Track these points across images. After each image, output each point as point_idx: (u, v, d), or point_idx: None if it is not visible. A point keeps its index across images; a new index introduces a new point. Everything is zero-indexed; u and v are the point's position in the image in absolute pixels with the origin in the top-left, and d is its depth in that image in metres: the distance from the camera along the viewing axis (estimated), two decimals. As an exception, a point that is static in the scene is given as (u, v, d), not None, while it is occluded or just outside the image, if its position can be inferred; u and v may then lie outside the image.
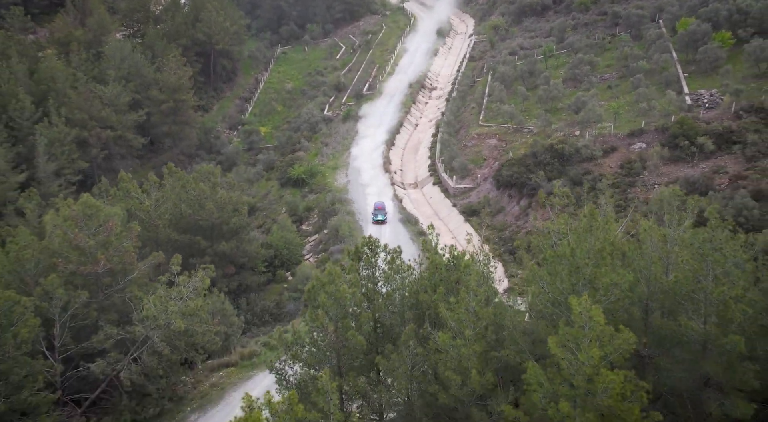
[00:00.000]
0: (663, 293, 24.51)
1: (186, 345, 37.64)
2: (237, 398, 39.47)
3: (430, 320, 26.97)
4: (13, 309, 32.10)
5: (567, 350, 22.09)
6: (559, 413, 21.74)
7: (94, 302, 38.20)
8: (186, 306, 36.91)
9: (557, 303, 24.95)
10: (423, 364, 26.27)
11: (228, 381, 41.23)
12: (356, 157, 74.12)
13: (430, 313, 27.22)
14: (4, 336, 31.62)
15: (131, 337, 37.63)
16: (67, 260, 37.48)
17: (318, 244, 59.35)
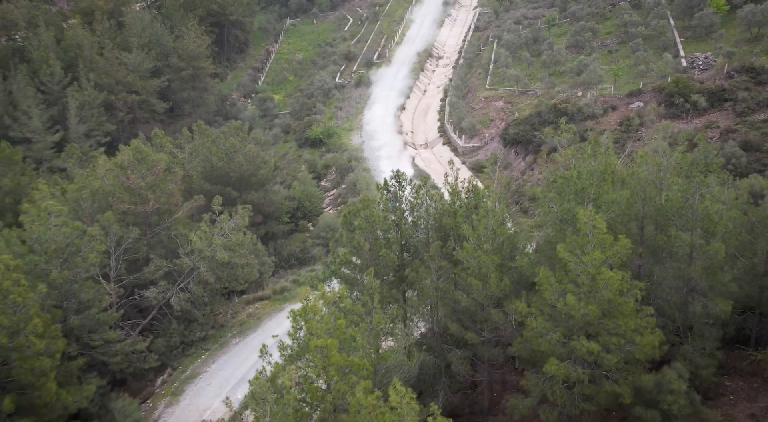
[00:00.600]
0: (656, 210, 28.08)
1: (228, 276, 41.38)
2: (272, 326, 43.58)
3: (452, 239, 30.55)
4: (82, 237, 35.74)
5: (573, 254, 25.73)
6: (567, 306, 25.44)
7: (144, 238, 41.88)
8: (228, 240, 40.59)
9: (564, 221, 28.52)
10: (447, 275, 29.97)
11: (263, 311, 45.09)
12: (369, 120, 77.32)
13: (453, 234, 30.79)
14: (75, 260, 35.30)
15: (178, 269, 41.40)
16: (120, 199, 41.04)
17: (337, 198, 62.92)
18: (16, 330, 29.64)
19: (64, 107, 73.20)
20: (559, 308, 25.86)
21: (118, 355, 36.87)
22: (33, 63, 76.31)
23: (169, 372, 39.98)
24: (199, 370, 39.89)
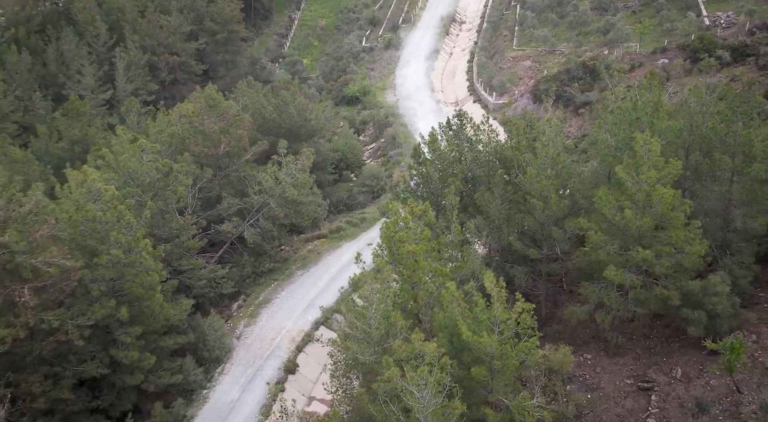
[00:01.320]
0: (701, 138, 30.93)
1: (294, 213, 44.56)
2: (331, 260, 46.96)
3: (515, 168, 33.52)
4: (170, 173, 38.86)
5: (630, 175, 28.71)
6: (624, 219, 28.51)
7: (215, 178, 44.98)
8: (296, 179, 43.66)
9: (619, 149, 31.42)
10: (510, 199, 33.04)
11: (322, 248, 48.38)
12: (401, 79, 79.71)
13: (515, 164, 33.73)
14: (165, 193, 38.48)
15: (248, 207, 44.59)
16: (195, 142, 44.01)
17: (376, 151, 65.77)
18: (130, 247, 32.96)
19: (110, 67, 75.75)
20: (617, 222, 28.96)
21: (202, 280, 40.29)
22: (78, 25, 78.58)
23: (243, 299, 43.43)
24: (270, 297, 43.35)
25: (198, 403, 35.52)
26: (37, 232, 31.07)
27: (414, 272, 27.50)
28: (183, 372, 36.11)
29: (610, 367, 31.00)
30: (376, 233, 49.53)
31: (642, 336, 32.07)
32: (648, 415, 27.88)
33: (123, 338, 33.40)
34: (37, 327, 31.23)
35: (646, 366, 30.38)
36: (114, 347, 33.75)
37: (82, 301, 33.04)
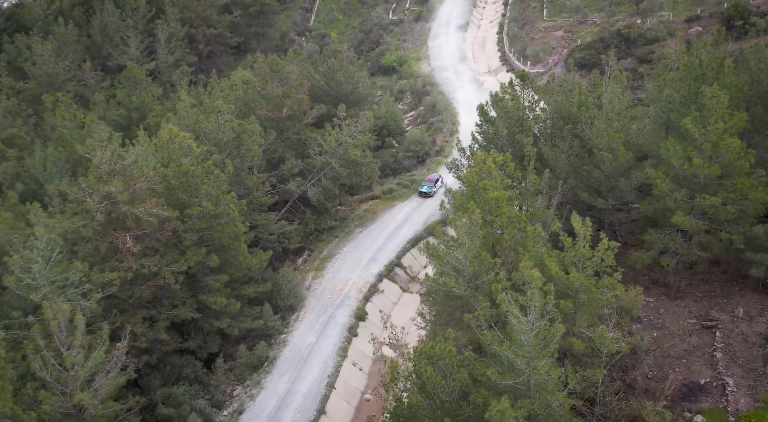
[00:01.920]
0: (762, 93, 32.36)
1: (354, 173, 46.25)
2: (386, 218, 48.77)
3: (581, 123, 35.03)
4: (243, 133, 40.50)
5: (697, 126, 30.23)
6: (692, 167, 30.12)
7: (279, 140, 46.60)
8: (356, 140, 45.27)
9: (683, 103, 32.86)
10: (576, 153, 34.63)
11: (376, 208, 50.15)
12: (434, 50, 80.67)
13: (581, 119, 35.20)
14: (240, 152, 40.17)
15: (309, 167, 46.27)
16: (259, 106, 45.56)
17: (416, 118, 67.16)
18: (218, 200, 34.78)
19: (150, 39, 76.89)
20: (684, 171, 30.57)
21: (273, 234, 42.18)
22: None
23: (307, 254, 45.36)
24: (333, 252, 45.24)
25: (278, 346, 37.62)
26: (135, 184, 32.88)
27: (497, 217, 29.24)
28: (263, 318, 38.18)
29: (673, 309, 32.86)
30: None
31: (701, 281, 33.86)
32: (714, 349, 29.79)
33: (212, 284, 35.41)
34: (138, 272, 33.19)
35: (707, 308, 32.22)
36: (203, 293, 35.79)
37: (174, 250, 35.00)
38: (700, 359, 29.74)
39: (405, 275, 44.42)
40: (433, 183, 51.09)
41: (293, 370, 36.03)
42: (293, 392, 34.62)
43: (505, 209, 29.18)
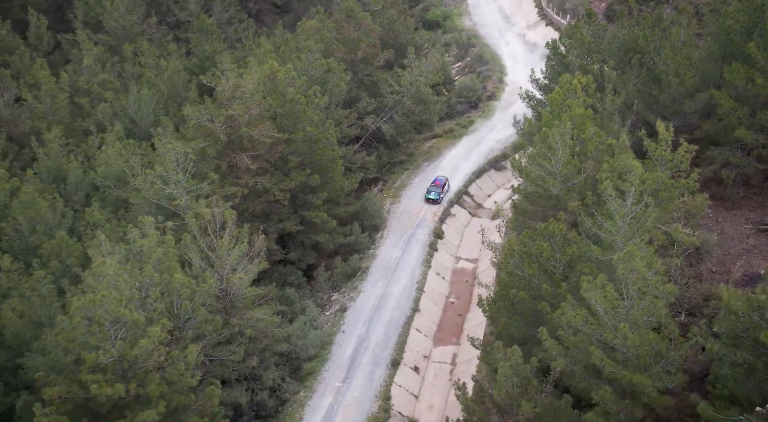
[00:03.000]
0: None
1: (425, 110, 49.44)
2: (450, 154, 52.20)
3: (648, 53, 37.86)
4: (329, 71, 43.63)
5: (760, 50, 33.06)
6: (755, 86, 33.00)
7: (353, 81, 49.70)
8: (428, 78, 48.35)
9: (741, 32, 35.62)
10: (644, 79, 37.60)
11: (440, 145, 53.46)
12: (473, 7, 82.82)
13: (647, 50, 38.02)
14: (328, 88, 43.37)
15: (381, 106, 49.44)
16: (337, 49, 48.54)
17: (463, 69, 69.88)
18: (320, 126, 38.16)
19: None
20: (748, 90, 33.51)
21: (357, 163, 45.66)
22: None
23: (382, 184, 48.88)
24: (406, 182, 48.75)
25: (368, 259, 41.40)
26: (251, 110, 36.26)
27: (582, 131, 32.47)
28: (353, 235, 41.89)
29: (730, 218, 36.17)
30: (484, 133, 54.68)
31: (755, 194, 37.03)
32: (771, 247, 33.18)
33: (313, 201, 39.05)
34: (253, 189, 36.80)
35: (762, 215, 35.50)
36: (304, 210, 39.46)
37: (280, 172, 38.55)
38: (758, 255, 33.14)
39: (472, 202, 47.91)
40: (441, 188, 46.51)
41: (385, 278, 39.85)
42: (388, 294, 38.49)
43: (588, 125, 32.44)
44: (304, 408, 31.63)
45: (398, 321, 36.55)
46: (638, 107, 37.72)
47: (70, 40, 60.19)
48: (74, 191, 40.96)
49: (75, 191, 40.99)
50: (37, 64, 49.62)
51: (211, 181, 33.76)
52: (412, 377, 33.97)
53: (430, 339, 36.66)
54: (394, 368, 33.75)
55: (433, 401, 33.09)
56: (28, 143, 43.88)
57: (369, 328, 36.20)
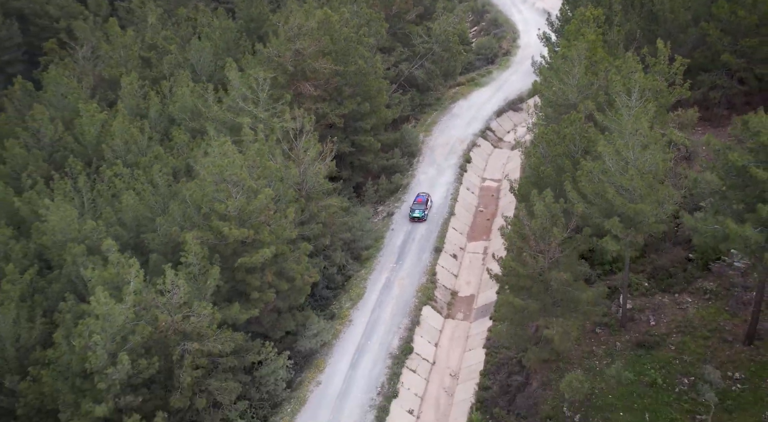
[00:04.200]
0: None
1: (452, 57, 55.31)
2: (473, 97, 58.25)
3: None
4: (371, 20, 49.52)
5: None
6: (737, 17, 38.86)
7: (389, 32, 55.57)
8: (455, 29, 54.22)
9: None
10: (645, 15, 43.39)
11: (463, 91, 59.39)
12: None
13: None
14: (371, 31, 49.27)
15: (413, 55, 55.32)
16: (373, 4, 54.34)
17: (479, 32, 75.61)
18: (369, 61, 44.13)
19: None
20: (731, 22, 39.36)
21: (395, 100, 51.65)
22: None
23: (414, 122, 54.87)
24: (436, 120, 54.77)
25: (408, 178, 47.57)
26: (313, 45, 42.24)
27: (593, 54, 38.40)
28: (395, 158, 48.00)
29: (716, 133, 41.94)
30: (502, 81, 60.48)
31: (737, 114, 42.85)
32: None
33: (362, 126, 45.11)
34: (316, 112, 42.84)
35: (742, 129, 41.50)
36: (355, 134, 45.52)
37: (335, 101, 44.56)
38: (739, 158, 39.18)
39: (494, 136, 53.92)
40: (424, 205, 43.90)
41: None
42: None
43: (599, 49, 38.39)
44: (366, 282, 37.92)
45: (438, 221, 42.76)
46: (639, 39, 43.62)
47: (126, 7, 65.78)
48: (155, 124, 46.91)
49: (156, 124, 46.94)
50: (109, 22, 55.45)
51: (285, 100, 39.80)
52: (451, 261, 40.24)
53: (464, 236, 42.89)
54: (437, 253, 39.99)
55: (469, 279, 39.40)
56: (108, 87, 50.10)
57: (414, 226, 42.43)
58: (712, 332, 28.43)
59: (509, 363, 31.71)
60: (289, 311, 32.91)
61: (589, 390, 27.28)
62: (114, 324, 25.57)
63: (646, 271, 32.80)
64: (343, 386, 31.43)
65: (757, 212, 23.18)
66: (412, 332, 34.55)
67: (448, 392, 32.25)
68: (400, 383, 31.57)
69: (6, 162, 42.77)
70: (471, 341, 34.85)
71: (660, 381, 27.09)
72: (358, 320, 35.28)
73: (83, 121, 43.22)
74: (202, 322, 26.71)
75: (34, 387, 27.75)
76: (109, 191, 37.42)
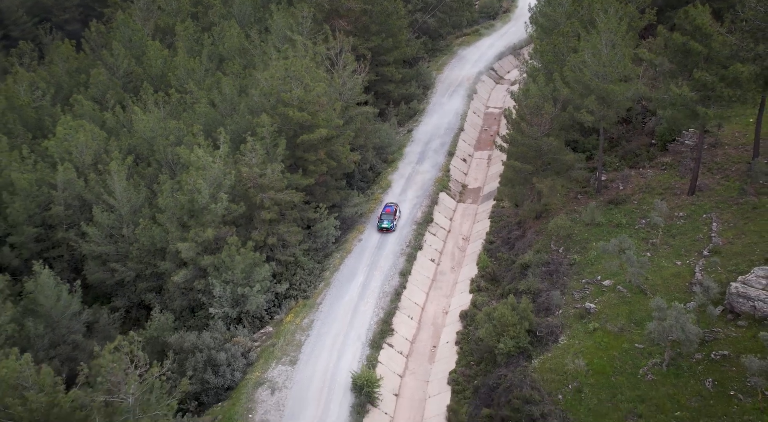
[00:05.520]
0: None
1: (460, 7, 62.56)
2: (478, 44, 65.55)
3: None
4: None
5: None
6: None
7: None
8: (462, -18, 61.53)
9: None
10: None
11: (469, 40, 66.65)
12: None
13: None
14: None
15: (427, 6, 62.56)
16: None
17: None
18: (392, 2, 51.46)
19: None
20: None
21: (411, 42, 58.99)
22: None
23: (427, 62, 62.21)
24: (446, 62, 62.18)
25: (424, 104, 55.05)
26: (345, -13, 49.58)
27: None
28: (412, 88, 55.45)
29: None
30: (503, 32, 67.69)
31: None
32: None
33: (386, 59, 52.48)
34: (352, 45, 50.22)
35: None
36: (380, 66, 52.89)
37: (362, 37, 51.90)
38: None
39: (496, 75, 61.31)
40: (393, 215, 41.45)
41: (438, 115, 53.47)
42: (440, 124, 52.15)
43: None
44: (392, 176, 45.65)
45: (451, 134, 50.39)
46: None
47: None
48: (208, 61, 54.28)
49: (209, 60, 54.30)
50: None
51: (324, 32, 47.17)
52: (462, 163, 47.89)
53: (472, 146, 50.52)
54: (450, 157, 47.64)
55: (476, 176, 47.08)
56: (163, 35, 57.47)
57: (431, 138, 50.03)
58: (665, 190, 35.96)
59: (509, 226, 39.41)
60: (335, 187, 40.59)
61: (569, 231, 34.92)
62: (211, 173, 33.22)
63: (617, 154, 40.29)
64: (379, 241, 39.19)
65: (694, 76, 30.63)
66: (432, 208, 42.27)
67: (461, 249, 40.00)
68: (423, 240, 39.32)
69: (91, 88, 50.36)
70: (478, 216, 42.59)
71: (624, 222, 34.68)
72: (388, 200, 43.00)
73: (150, 55, 50.71)
74: (274, 178, 34.37)
75: (145, 232, 35.47)
76: (181, 106, 45.06)
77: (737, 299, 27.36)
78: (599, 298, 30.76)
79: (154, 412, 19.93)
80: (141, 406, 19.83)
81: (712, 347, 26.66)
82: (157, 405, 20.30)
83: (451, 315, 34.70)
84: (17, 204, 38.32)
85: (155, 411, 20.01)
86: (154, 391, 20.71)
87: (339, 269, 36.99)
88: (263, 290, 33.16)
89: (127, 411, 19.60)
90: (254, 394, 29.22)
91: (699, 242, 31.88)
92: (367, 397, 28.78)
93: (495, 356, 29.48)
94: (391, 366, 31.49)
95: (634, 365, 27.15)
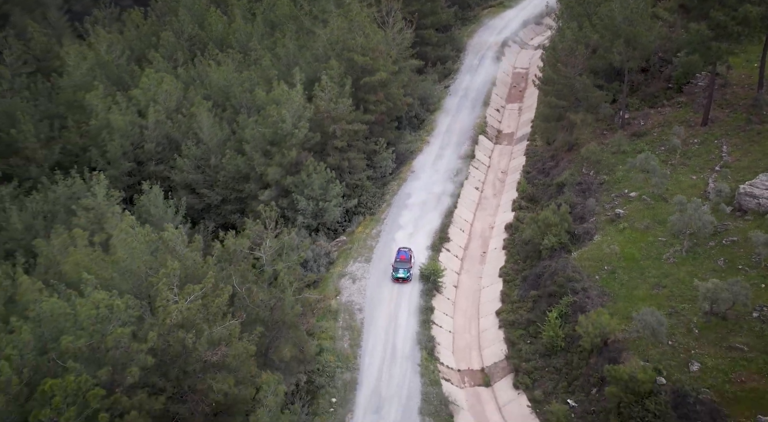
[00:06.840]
0: None
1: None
2: (503, 15, 70.18)
3: None
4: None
5: None
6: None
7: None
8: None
9: None
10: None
11: (495, 11, 71.29)
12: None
13: None
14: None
15: (456, -22, 67.19)
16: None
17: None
18: (432, -32, 56.22)
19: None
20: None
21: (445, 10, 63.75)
22: None
23: (458, 26, 66.89)
24: (474, 30, 66.84)
25: (458, 64, 59.88)
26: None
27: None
28: (447, 50, 60.27)
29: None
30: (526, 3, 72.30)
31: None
32: None
33: (426, 23, 57.25)
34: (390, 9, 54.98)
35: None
36: (419, 29, 57.65)
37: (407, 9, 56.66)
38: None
39: (521, 41, 66.01)
40: (408, 263, 36.46)
41: (470, 74, 58.31)
42: (474, 80, 57.03)
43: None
44: (436, 122, 50.65)
45: (485, 89, 55.31)
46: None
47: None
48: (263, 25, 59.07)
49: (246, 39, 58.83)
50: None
51: None
52: (496, 113, 52.82)
53: (503, 99, 55.43)
54: (485, 107, 52.57)
55: (509, 124, 52.06)
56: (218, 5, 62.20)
57: (467, 93, 54.94)
58: (681, 123, 40.76)
59: (543, 159, 44.36)
60: (390, 127, 45.62)
61: (599, 156, 39.83)
62: (293, 105, 38.27)
63: (639, 96, 45.08)
64: (430, 171, 44.31)
65: (710, 16, 35.41)
66: (473, 148, 47.29)
67: (501, 181, 45.05)
68: (468, 171, 44.41)
69: (160, 49, 55.40)
70: (514, 154, 47.60)
71: (646, 149, 39.54)
72: (433, 141, 48.05)
73: (210, 20, 55.73)
74: (344, 110, 39.40)
75: (231, 161, 40.59)
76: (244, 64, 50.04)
77: (745, 197, 32.26)
78: (627, 206, 35.71)
79: (286, 264, 25.21)
80: (273, 260, 25.02)
81: (724, 235, 31.60)
82: (288, 258, 25.52)
83: (496, 229, 39.82)
84: (115, 142, 43.50)
85: (287, 263, 25.29)
86: (285, 248, 26.00)
87: (397, 193, 42.17)
88: (338, 205, 38.30)
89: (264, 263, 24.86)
90: (339, 282, 34.44)
91: (712, 160, 36.76)
92: (434, 284, 33.94)
93: (540, 252, 34.53)
94: (450, 266, 36.64)
95: (658, 252, 32.14)
